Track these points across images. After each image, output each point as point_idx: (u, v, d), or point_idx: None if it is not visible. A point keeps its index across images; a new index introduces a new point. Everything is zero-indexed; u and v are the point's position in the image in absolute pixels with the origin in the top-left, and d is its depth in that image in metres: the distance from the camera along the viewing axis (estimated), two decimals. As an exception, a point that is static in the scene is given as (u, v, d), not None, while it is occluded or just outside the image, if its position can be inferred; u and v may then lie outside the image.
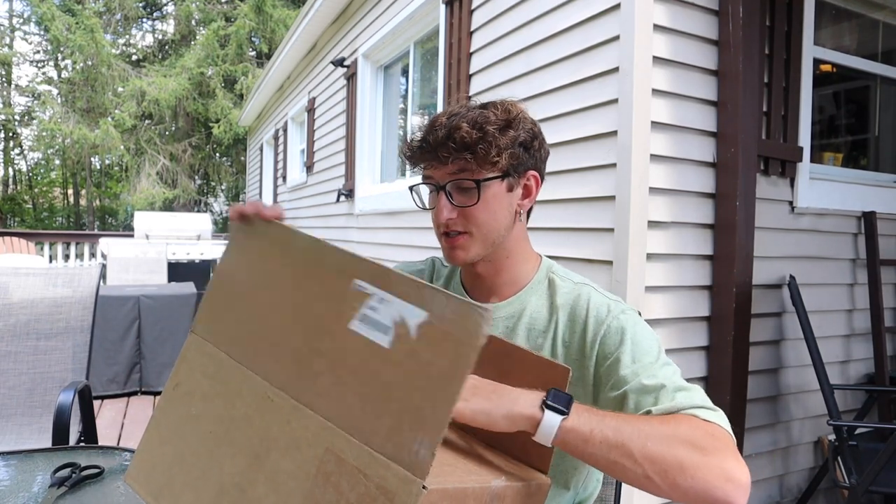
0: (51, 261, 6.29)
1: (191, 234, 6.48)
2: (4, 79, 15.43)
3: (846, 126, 2.96)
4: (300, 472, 0.58)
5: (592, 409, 0.71)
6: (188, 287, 4.14)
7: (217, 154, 15.18)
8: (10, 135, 16.66)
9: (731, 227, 1.98)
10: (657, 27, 1.90)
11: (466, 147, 0.86)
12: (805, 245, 2.35)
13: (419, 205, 0.98)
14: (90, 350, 2.01)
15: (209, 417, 0.70)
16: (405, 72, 4.33)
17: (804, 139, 2.31)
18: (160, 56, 14.94)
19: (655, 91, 1.91)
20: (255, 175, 10.54)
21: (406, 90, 4.34)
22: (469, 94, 2.93)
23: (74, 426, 1.72)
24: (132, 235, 6.42)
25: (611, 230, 1.95)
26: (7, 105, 15.70)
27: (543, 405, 0.69)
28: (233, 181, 15.66)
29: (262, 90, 8.21)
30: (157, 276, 5.01)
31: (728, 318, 1.99)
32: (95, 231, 13.04)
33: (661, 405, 0.76)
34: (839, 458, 2.10)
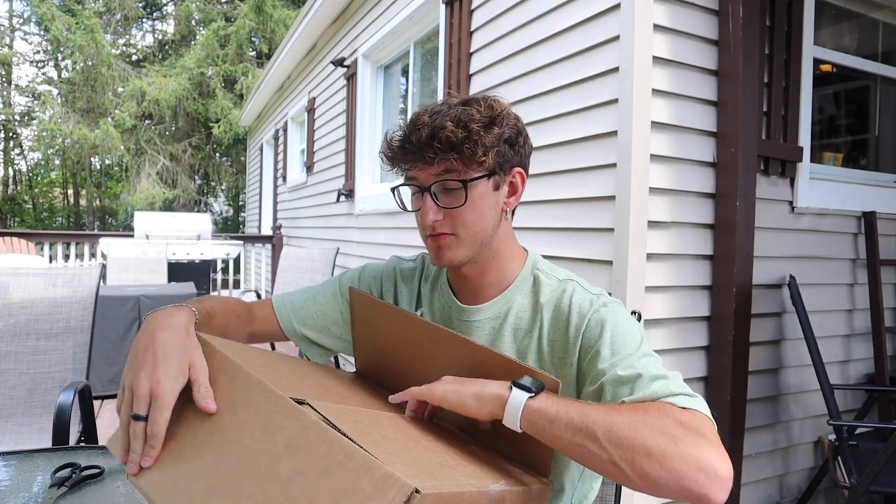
0: (51, 261, 6.29)
1: (191, 235, 6.48)
2: (4, 79, 15.44)
3: (846, 126, 2.96)
4: (299, 472, 0.58)
5: (562, 397, 0.72)
6: (188, 287, 4.14)
7: (217, 154, 15.18)
8: (10, 135, 16.67)
9: (731, 227, 1.98)
10: (657, 27, 1.90)
11: (452, 147, 0.83)
12: (805, 245, 2.36)
13: (401, 206, 0.95)
14: (90, 350, 2.01)
15: (211, 415, 0.70)
16: (405, 72, 4.34)
17: (804, 139, 2.31)
18: (160, 56, 14.95)
19: (655, 91, 1.91)
20: (255, 175, 10.54)
21: (406, 90, 4.34)
22: (469, 95, 2.93)
23: (74, 426, 1.72)
24: (132, 235, 6.42)
25: (611, 230, 1.95)
26: (7, 105, 15.70)
27: (511, 385, 0.72)
28: (233, 181, 15.67)
29: (262, 90, 8.21)
30: (157, 276, 5.00)
31: (728, 318, 1.98)
32: (95, 231, 13.04)
33: (636, 395, 0.74)
34: (839, 458, 2.10)
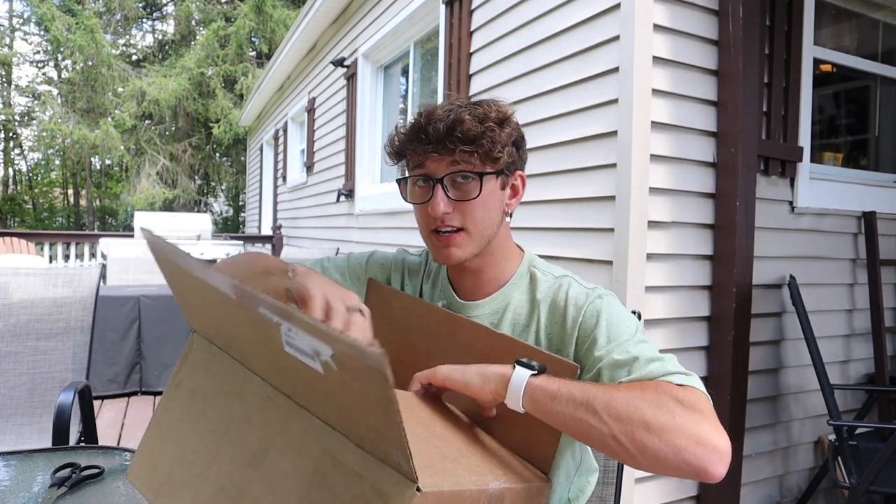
0: (51, 261, 6.29)
1: (191, 234, 6.48)
2: (4, 79, 15.44)
3: (846, 126, 2.96)
4: (297, 473, 0.58)
5: (563, 378, 0.74)
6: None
7: (217, 154, 15.19)
8: (10, 135, 16.67)
9: (731, 227, 1.98)
10: (657, 27, 1.90)
11: (471, 140, 0.84)
12: (805, 245, 2.36)
13: (406, 198, 0.94)
14: (90, 350, 2.01)
15: (210, 416, 0.70)
16: (405, 72, 4.34)
17: (804, 139, 2.31)
18: (160, 56, 14.95)
19: (655, 91, 1.91)
20: (255, 175, 10.55)
21: (406, 90, 4.34)
22: (469, 95, 2.93)
23: (74, 426, 1.72)
24: (132, 235, 6.42)
25: (611, 230, 1.95)
26: (7, 105, 15.70)
27: (514, 364, 0.73)
28: (233, 181, 15.67)
29: (262, 90, 8.21)
30: (158, 276, 5.00)
31: (728, 318, 1.98)
32: (95, 231, 13.04)
33: (634, 375, 0.77)
34: (839, 458, 2.10)
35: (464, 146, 0.84)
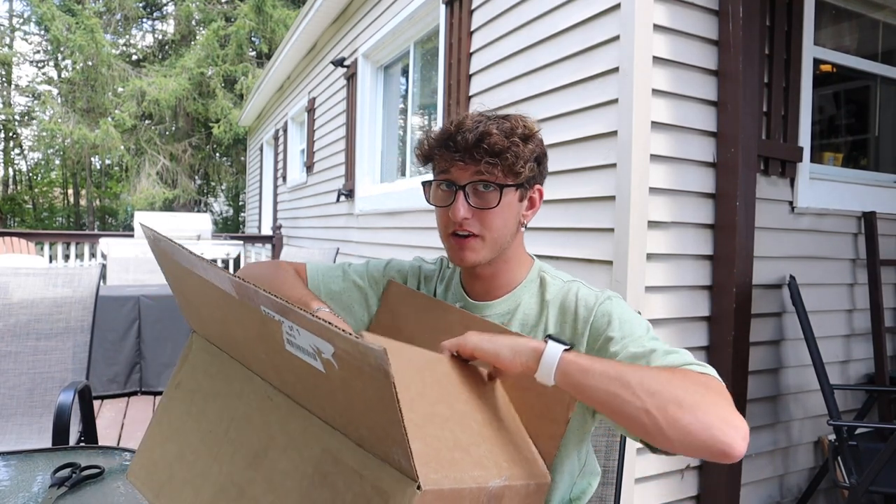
0: (51, 261, 6.29)
1: (191, 234, 6.48)
2: (4, 79, 15.43)
3: (846, 126, 2.96)
4: (297, 472, 0.58)
5: (597, 357, 0.77)
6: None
7: (217, 154, 15.18)
8: (10, 135, 16.66)
9: (731, 227, 1.98)
10: (657, 27, 1.90)
11: (496, 153, 0.89)
12: (805, 245, 2.36)
13: (429, 200, 1.00)
14: (90, 350, 2.01)
15: (210, 416, 0.70)
16: (405, 72, 4.34)
17: (804, 139, 2.31)
18: (160, 56, 14.94)
19: (655, 91, 1.91)
20: (255, 175, 10.54)
21: (406, 90, 4.34)
22: (469, 95, 2.93)
23: (74, 426, 1.72)
24: (132, 235, 6.42)
25: (611, 230, 1.95)
26: (7, 105, 15.70)
27: (546, 338, 0.75)
28: (233, 181, 15.67)
29: (262, 90, 8.21)
30: (157, 276, 5.00)
31: (728, 318, 1.98)
32: (95, 231, 13.04)
33: (653, 365, 0.80)
34: (839, 458, 2.10)
35: (488, 158, 0.89)
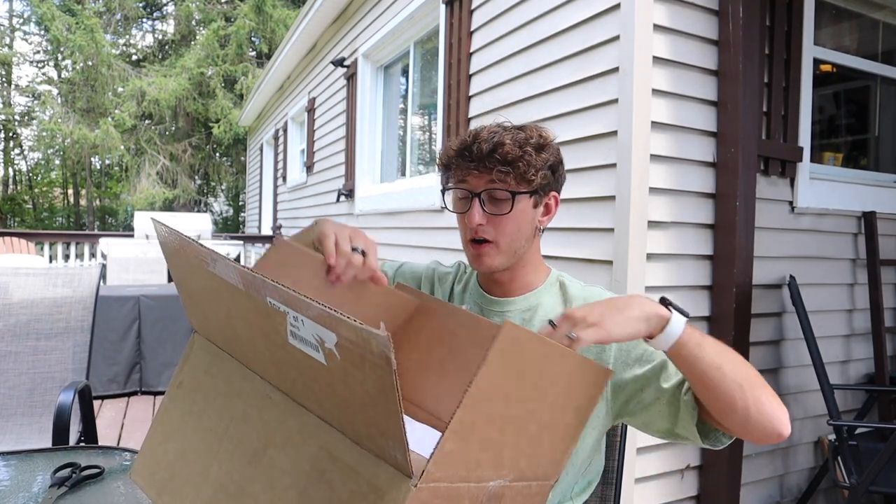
0: (51, 261, 6.29)
1: (191, 234, 6.43)
2: (4, 79, 15.43)
3: (846, 126, 2.96)
4: (295, 470, 0.59)
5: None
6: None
7: (217, 154, 15.18)
8: (10, 135, 16.66)
9: (731, 227, 1.98)
10: (657, 27, 1.90)
11: (508, 162, 0.93)
12: (805, 245, 2.35)
13: (448, 207, 1.05)
14: (90, 350, 2.01)
15: (210, 415, 0.71)
16: (405, 72, 4.34)
17: (804, 139, 2.31)
18: (160, 56, 14.94)
19: (655, 91, 1.91)
20: (255, 175, 10.54)
21: (406, 90, 4.34)
22: (469, 95, 2.93)
23: (74, 426, 1.72)
24: (132, 235, 6.42)
25: (611, 230, 1.95)
26: (7, 105, 15.69)
27: (668, 306, 0.76)
28: (233, 181, 15.66)
29: (262, 90, 8.21)
30: (157, 276, 5.01)
31: (728, 318, 1.98)
32: (95, 231, 13.04)
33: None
34: (839, 458, 2.10)
35: (501, 167, 0.93)
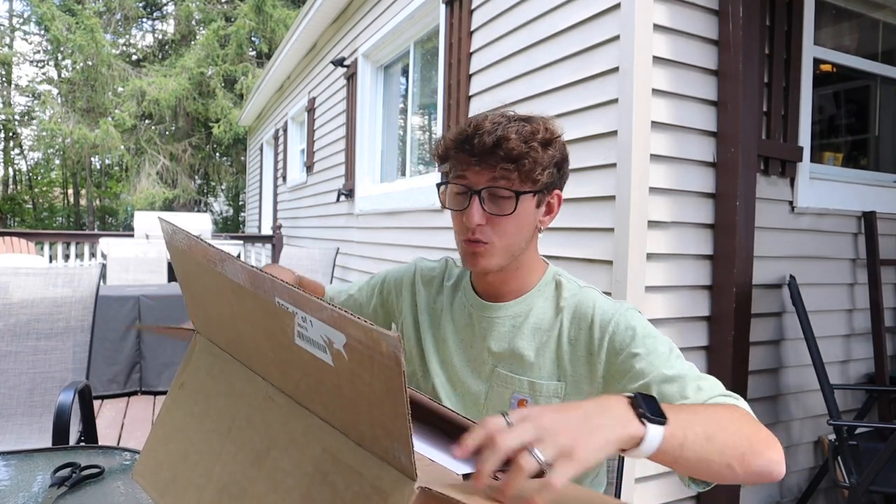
0: (51, 261, 6.29)
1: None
2: (4, 79, 15.43)
3: (846, 126, 2.96)
4: (298, 471, 0.59)
5: (671, 406, 0.65)
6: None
7: (217, 154, 15.18)
8: (10, 135, 16.66)
9: (731, 227, 1.98)
10: (657, 27, 1.90)
11: (513, 159, 0.86)
12: (805, 245, 2.36)
13: (443, 203, 0.97)
14: (90, 350, 2.01)
15: (212, 416, 0.71)
16: (405, 72, 4.33)
17: (804, 139, 2.31)
18: (160, 56, 14.95)
19: (655, 91, 1.91)
20: (255, 175, 10.54)
21: (406, 90, 4.34)
22: (469, 94, 2.93)
23: (74, 426, 1.72)
24: (132, 235, 6.42)
25: (611, 230, 1.95)
26: (7, 105, 15.70)
27: (642, 418, 0.60)
28: (233, 181, 15.67)
29: (262, 90, 8.21)
30: (158, 276, 5.01)
31: (728, 318, 1.98)
32: (95, 231, 13.04)
33: (692, 395, 0.78)
34: (839, 458, 2.10)
35: (505, 164, 0.86)
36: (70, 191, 17.88)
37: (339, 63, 4.86)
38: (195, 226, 6.60)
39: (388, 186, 4.17)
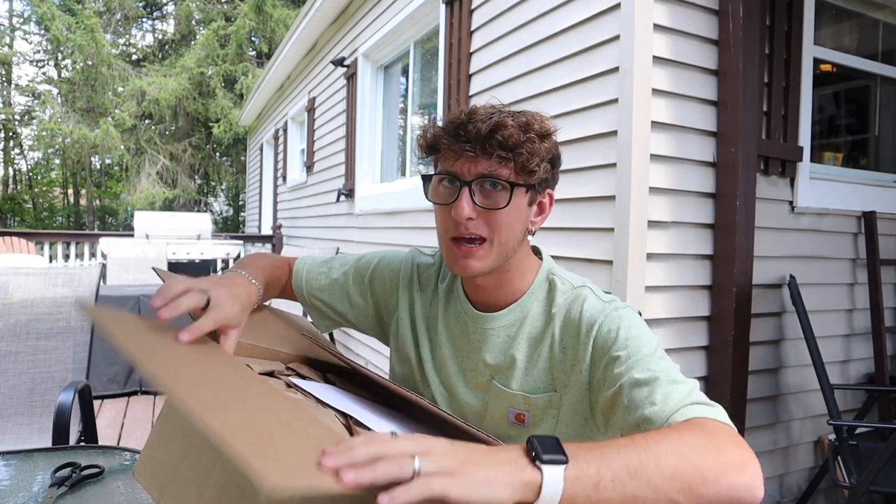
0: (51, 261, 6.29)
1: (191, 234, 6.48)
2: (4, 79, 15.43)
3: (846, 126, 2.96)
4: None
5: (583, 444, 0.59)
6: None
7: (217, 154, 15.18)
8: (10, 135, 16.66)
9: (731, 227, 1.98)
10: (657, 27, 1.90)
11: (510, 147, 0.80)
12: (805, 245, 2.35)
13: (428, 196, 0.90)
14: (90, 350, 2.01)
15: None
16: (405, 72, 4.33)
17: (804, 139, 2.31)
18: (160, 56, 14.95)
19: (655, 91, 1.91)
20: (255, 175, 10.54)
21: (406, 90, 4.34)
22: (469, 94, 2.93)
23: (74, 426, 1.72)
24: (132, 235, 6.42)
25: (611, 230, 1.95)
26: (7, 105, 15.70)
27: (536, 461, 0.53)
28: (233, 181, 15.67)
29: (262, 90, 8.21)
30: (157, 276, 5.01)
31: (728, 318, 1.98)
32: (95, 231, 13.03)
33: (659, 402, 0.71)
34: (839, 458, 2.10)
35: (501, 152, 0.81)
36: (70, 191, 17.88)
37: (339, 63, 4.86)
38: (195, 226, 6.60)
39: (388, 186, 4.17)
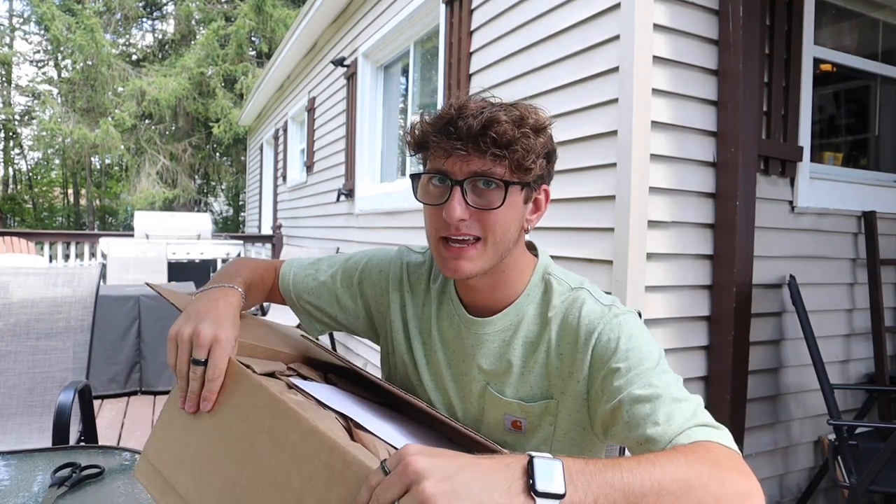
0: (51, 261, 6.29)
1: (191, 234, 6.48)
2: (4, 79, 15.43)
3: (846, 126, 2.96)
4: (306, 484, 0.59)
5: (587, 466, 0.55)
6: (188, 287, 4.14)
7: (217, 154, 15.18)
8: (10, 135, 16.67)
9: (731, 227, 1.98)
10: (657, 27, 1.90)
11: (504, 144, 0.76)
12: (805, 245, 2.35)
13: (417, 196, 0.85)
14: (90, 350, 2.01)
15: (214, 417, 0.71)
16: (405, 71, 4.33)
17: (804, 139, 2.31)
18: (160, 56, 14.95)
19: (655, 91, 1.91)
20: (255, 175, 10.54)
21: (406, 90, 4.34)
22: (469, 94, 2.93)
23: (74, 426, 1.72)
24: (132, 235, 6.42)
25: (611, 230, 1.95)
26: (7, 105, 15.70)
27: (532, 492, 0.51)
28: (233, 181, 15.67)
29: (262, 90, 8.21)
30: (158, 276, 5.01)
31: (728, 318, 1.98)
32: (95, 231, 13.03)
33: (662, 422, 0.69)
34: (839, 458, 2.10)
35: (495, 149, 0.76)
36: (70, 191, 17.88)
37: (339, 63, 4.86)
38: (195, 226, 6.60)
39: (388, 186, 4.17)
